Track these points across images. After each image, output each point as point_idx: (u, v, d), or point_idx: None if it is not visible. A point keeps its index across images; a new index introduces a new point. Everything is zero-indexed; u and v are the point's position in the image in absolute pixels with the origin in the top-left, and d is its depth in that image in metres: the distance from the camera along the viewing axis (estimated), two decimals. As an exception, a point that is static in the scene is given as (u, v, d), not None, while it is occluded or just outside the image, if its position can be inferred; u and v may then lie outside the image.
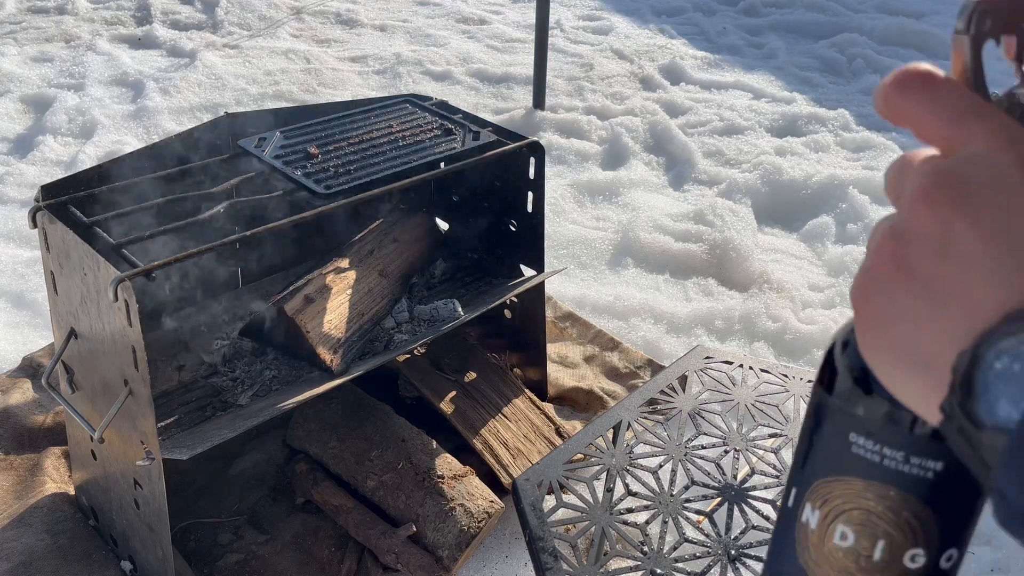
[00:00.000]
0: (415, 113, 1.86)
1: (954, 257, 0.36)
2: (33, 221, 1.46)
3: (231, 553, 1.73)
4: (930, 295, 0.37)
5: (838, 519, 0.49)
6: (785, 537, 0.52)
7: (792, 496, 0.51)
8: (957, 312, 0.36)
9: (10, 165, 3.20)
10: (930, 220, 0.37)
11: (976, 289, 0.36)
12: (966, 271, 0.36)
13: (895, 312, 0.39)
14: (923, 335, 0.38)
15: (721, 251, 2.86)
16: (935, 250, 0.37)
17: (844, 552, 0.49)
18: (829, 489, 0.49)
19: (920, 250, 0.37)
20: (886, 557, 0.48)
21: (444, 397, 1.92)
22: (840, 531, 0.49)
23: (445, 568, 1.66)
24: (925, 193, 0.37)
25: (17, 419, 1.98)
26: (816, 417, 0.48)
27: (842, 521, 0.49)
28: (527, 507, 1.10)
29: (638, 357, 2.35)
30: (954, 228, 0.36)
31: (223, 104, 3.74)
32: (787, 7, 5.39)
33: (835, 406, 0.46)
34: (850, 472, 0.47)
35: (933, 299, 0.37)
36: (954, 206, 0.36)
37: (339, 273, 1.78)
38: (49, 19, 4.61)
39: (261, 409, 1.53)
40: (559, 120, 3.76)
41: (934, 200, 0.37)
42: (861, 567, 0.49)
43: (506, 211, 1.94)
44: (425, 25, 4.88)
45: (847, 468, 0.47)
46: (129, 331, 1.29)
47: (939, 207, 0.37)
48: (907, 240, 0.38)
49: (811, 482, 0.50)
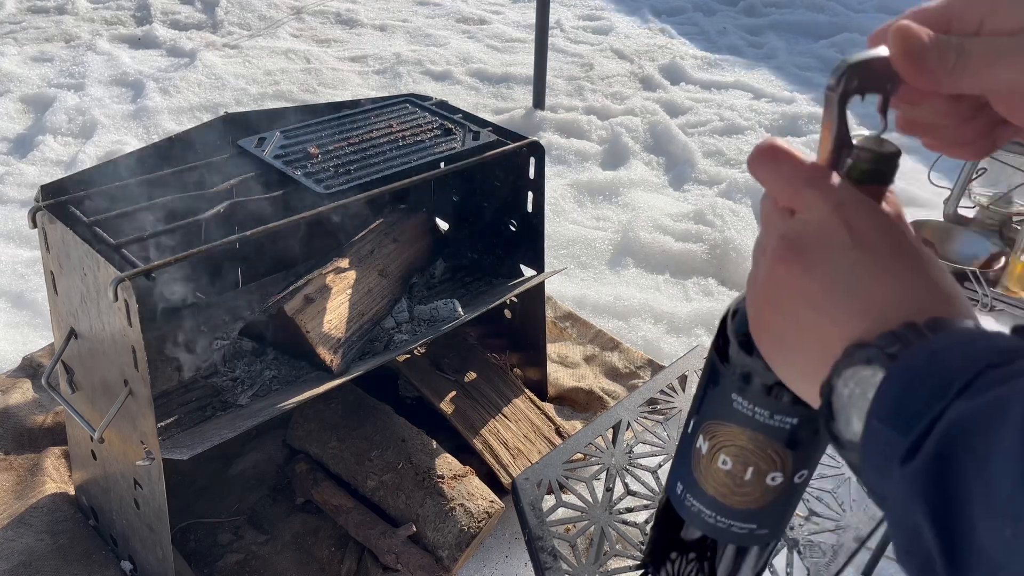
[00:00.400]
0: (415, 113, 1.86)
1: (807, 302, 0.47)
2: (33, 221, 1.46)
3: (231, 553, 1.73)
4: (798, 331, 0.48)
5: (721, 450, 0.67)
6: (685, 453, 0.70)
7: (691, 426, 0.68)
8: (816, 346, 0.47)
9: (10, 165, 3.20)
10: (785, 275, 0.48)
11: (825, 328, 0.46)
12: (816, 313, 0.46)
13: (777, 341, 0.50)
14: (798, 360, 0.48)
15: (721, 251, 2.86)
16: (794, 297, 0.47)
17: (724, 473, 0.67)
18: (716, 429, 0.66)
19: (784, 298, 0.48)
20: (754, 478, 0.67)
21: (444, 397, 1.92)
22: (722, 459, 0.67)
23: (445, 568, 1.66)
24: (776, 253, 0.48)
25: (17, 419, 1.98)
26: (710, 374, 0.63)
27: (723, 452, 0.67)
28: (526, 506, 1.10)
29: (638, 357, 2.35)
30: (802, 280, 0.47)
31: (223, 104, 3.74)
32: (787, 7, 5.39)
33: (723, 371, 0.61)
34: (731, 420, 0.64)
35: (801, 334, 0.48)
36: (797, 262, 0.47)
37: (339, 273, 1.78)
38: (49, 19, 4.61)
39: (261, 409, 1.53)
40: (559, 120, 3.76)
41: (784, 258, 0.48)
42: (736, 483, 0.67)
43: (506, 211, 1.94)
44: (425, 25, 4.88)
45: (729, 417, 0.63)
46: (129, 331, 1.29)
47: (789, 264, 0.47)
48: (775, 288, 0.48)
49: (703, 421, 0.66)
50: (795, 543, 1.09)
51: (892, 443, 0.40)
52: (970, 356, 0.40)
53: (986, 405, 0.37)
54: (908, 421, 0.39)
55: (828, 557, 1.08)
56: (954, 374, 0.39)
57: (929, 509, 0.38)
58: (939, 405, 0.39)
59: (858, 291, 0.45)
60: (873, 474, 0.42)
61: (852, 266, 0.45)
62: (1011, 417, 0.36)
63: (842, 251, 0.46)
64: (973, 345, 0.40)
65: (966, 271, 1.98)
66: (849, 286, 0.45)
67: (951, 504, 0.37)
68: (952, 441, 0.38)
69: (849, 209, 0.46)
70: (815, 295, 0.46)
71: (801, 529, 1.11)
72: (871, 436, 0.41)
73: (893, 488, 0.40)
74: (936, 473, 0.38)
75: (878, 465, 0.41)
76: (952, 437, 0.38)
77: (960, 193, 2.24)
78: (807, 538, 1.10)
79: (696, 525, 0.75)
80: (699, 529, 0.75)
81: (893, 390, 0.41)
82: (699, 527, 0.75)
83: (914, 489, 0.38)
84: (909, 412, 0.39)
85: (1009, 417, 0.36)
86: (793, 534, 1.10)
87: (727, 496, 0.71)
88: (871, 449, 0.41)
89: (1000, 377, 0.38)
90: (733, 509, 0.72)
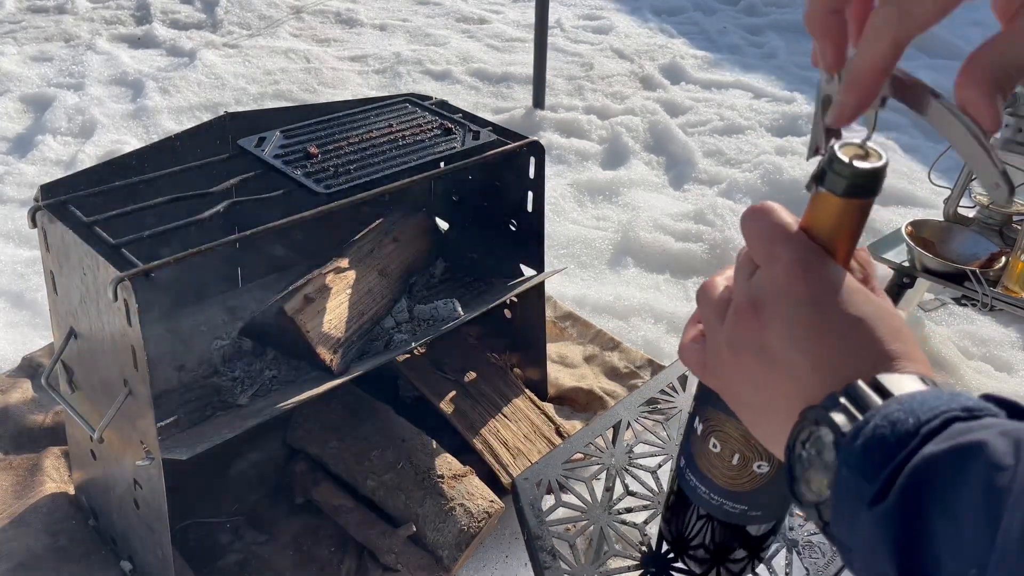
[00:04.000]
0: (415, 113, 1.86)
1: (765, 358, 0.48)
2: (33, 221, 1.46)
3: (231, 553, 1.73)
4: (757, 387, 0.49)
5: (712, 434, 0.73)
6: (688, 431, 0.76)
7: (693, 406, 0.75)
8: (777, 403, 0.48)
9: (9, 165, 3.20)
10: (746, 330, 0.49)
11: (782, 384, 0.47)
12: (774, 369, 0.47)
13: (739, 398, 0.51)
14: (761, 416, 0.50)
15: (721, 251, 2.86)
16: (754, 352, 0.48)
17: (715, 455, 0.73)
18: (709, 414, 0.72)
19: (744, 353, 0.49)
20: (740, 464, 0.73)
21: (444, 397, 1.92)
22: (712, 441, 0.73)
23: (445, 568, 1.66)
24: (738, 309, 0.49)
25: (17, 419, 1.98)
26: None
27: (714, 436, 0.72)
28: (526, 506, 1.10)
29: (638, 357, 2.35)
30: (760, 335, 0.48)
31: (223, 104, 3.74)
32: (787, 6, 5.39)
33: None
34: (719, 408, 0.70)
35: (760, 390, 0.49)
36: (756, 318, 0.48)
37: (339, 273, 1.78)
38: (48, 18, 4.61)
39: (261, 409, 1.53)
40: (559, 120, 3.76)
41: (745, 313, 0.49)
42: (725, 467, 0.74)
43: (506, 211, 1.94)
44: (425, 24, 4.88)
45: (718, 405, 0.70)
46: (129, 331, 1.29)
47: (748, 319, 0.48)
48: (735, 347, 0.50)
49: (702, 406, 0.73)
50: (795, 543, 1.09)
51: (860, 489, 0.41)
52: (937, 408, 0.41)
53: (953, 450, 0.38)
54: (876, 465, 0.40)
55: (828, 557, 1.08)
56: (922, 423, 0.40)
57: (895, 550, 0.38)
58: (906, 449, 0.40)
59: (811, 349, 0.46)
60: (842, 524, 0.42)
61: (806, 323, 0.46)
62: (977, 462, 0.37)
63: (796, 308, 0.47)
64: (939, 399, 0.42)
65: (966, 271, 1.98)
66: (803, 344, 0.46)
67: (917, 544, 0.38)
68: (919, 484, 0.38)
69: (808, 266, 0.47)
70: (772, 350, 0.47)
71: (801, 529, 1.11)
72: (841, 485, 0.42)
73: (859, 534, 0.41)
74: (903, 514, 0.39)
75: (847, 513, 0.42)
76: (919, 480, 0.38)
77: (960, 193, 2.24)
78: (807, 538, 1.10)
79: (694, 500, 0.80)
80: (697, 504, 0.80)
81: (862, 438, 0.41)
82: (696, 502, 0.80)
83: (881, 532, 0.39)
84: (877, 457, 0.40)
85: (976, 462, 0.37)
86: (793, 534, 1.10)
87: (717, 477, 0.75)
88: (842, 496, 0.42)
89: (966, 429, 0.39)
90: (723, 489, 0.76)
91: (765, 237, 0.50)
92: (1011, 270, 1.97)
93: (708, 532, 0.84)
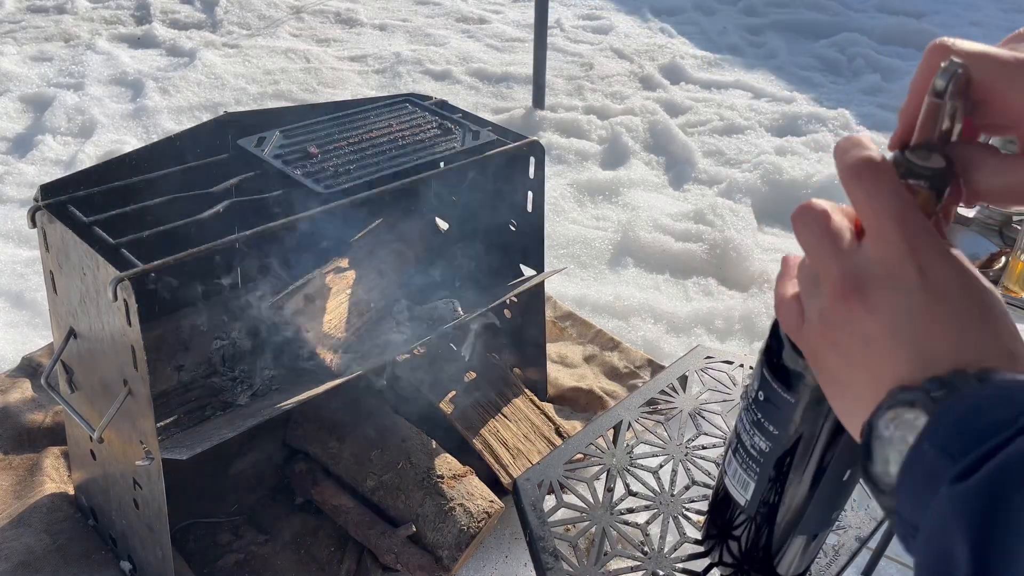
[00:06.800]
0: (415, 113, 1.86)
1: (865, 343, 0.46)
2: (32, 221, 1.46)
3: (231, 553, 1.73)
4: (852, 369, 0.48)
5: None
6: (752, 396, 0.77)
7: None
8: (868, 387, 0.47)
9: (9, 164, 3.20)
10: (844, 312, 0.47)
11: (878, 369, 0.46)
12: (870, 352, 0.46)
13: (832, 378, 0.50)
14: (849, 399, 0.49)
15: (721, 251, 2.86)
16: (853, 336, 0.47)
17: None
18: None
19: (843, 336, 0.48)
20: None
21: (444, 397, 1.92)
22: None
23: (445, 568, 1.66)
24: (837, 290, 0.47)
25: (16, 419, 1.97)
26: (768, 350, 0.70)
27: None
28: (527, 507, 1.10)
29: (638, 357, 2.35)
30: (864, 321, 0.46)
31: (222, 103, 3.74)
32: (787, 7, 5.39)
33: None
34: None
35: (854, 372, 0.48)
36: (861, 303, 0.46)
37: (339, 273, 1.78)
38: (48, 18, 4.61)
39: (261, 409, 1.53)
40: (559, 120, 3.75)
41: (847, 297, 0.47)
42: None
43: (506, 211, 1.94)
44: (425, 24, 4.88)
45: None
46: (128, 331, 1.29)
47: (851, 303, 0.47)
48: (831, 325, 0.48)
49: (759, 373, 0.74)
50: (796, 543, 1.09)
51: (940, 467, 0.40)
52: None
53: None
54: (965, 446, 0.39)
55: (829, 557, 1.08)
56: (1021, 411, 0.39)
57: (970, 531, 0.38)
58: (1003, 435, 0.39)
59: (916, 336, 0.44)
60: (911, 500, 0.41)
61: (917, 310, 0.45)
62: None
63: (908, 294, 0.45)
64: None
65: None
66: (909, 330, 0.45)
67: (997, 531, 0.37)
68: (1013, 471, 0.38)
69: (924, 252, 0.45)
70: (874, 336, 0.46)
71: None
72: (916, 459, 0.41)
73: (933, 511, 0.40)
74: (989, 497, 0.38)
75: (916, 490, 0.41)
76: (1013, 467, 0.38)
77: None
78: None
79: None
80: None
81: (952, 417, 0.41)
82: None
83: (958, 509, 0.38)
84: (968, 438, 0.40)
85: None
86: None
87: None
88: (912, 472, 0.41)
89: None
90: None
91: (883, 206, 0.46)
92: (1011, 270, 1.97)
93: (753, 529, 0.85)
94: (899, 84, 4.30)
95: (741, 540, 0.88)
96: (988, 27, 5.11)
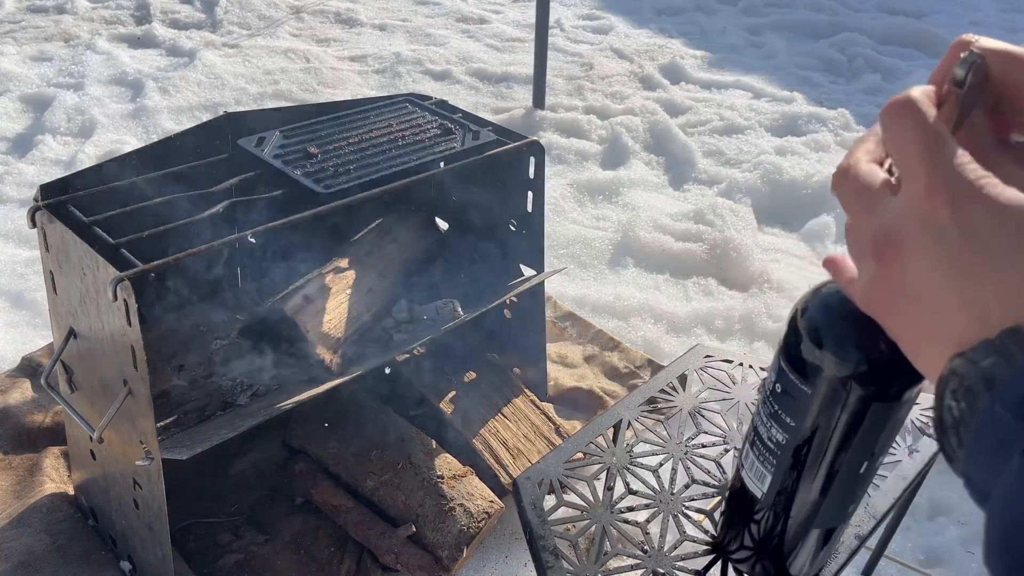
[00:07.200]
0: (415, 112, 1.86)
1: (908, 300, 0.44)
2: (32, 221, 1.46)
3: (231, 553, 1.73)
4: (906, 330, 0.46)
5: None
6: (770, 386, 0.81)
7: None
8: (926, 343, 0.44)
9: (9, 164, 3.20)
10: (887, 270, 0.44)
11: (930, 327, 0.43)
12: (920, 310, 0.43)
13: (896, 337, 0.47)
14: (918, 360, 0.46)
15: (721, 251, 2.86)
16: (896, 294, 0.45)
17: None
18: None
19: (893, 299, 0.45)
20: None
21: (444, 397, 1.92)
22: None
23: (445, 568, 1.66)
24: (874, 250, 0.45)
25: (16, 419, 1.97)
26: (786, 342, 0.75)
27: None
28: (528, 506, 1.10)
29: (638, 357, 2.35)
30: (900, 276, 0.44)
31: (222, 103, 3.74)
32: (787, 6, 5.39)
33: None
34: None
35: (910, 332, 0.45)
36: (897, 258, 0.43)
37: (338, 273, 1.78)
38: (48, 18, 4.61)
39: (261, 409, 1.53)
40: (559, 120, 3.75)
41: (883, 256, 0.44)
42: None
43: (506, 211, 1.94)
44: (425, 24, 4.88)
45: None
46: (128, 331, 1.29)
47: (888, 262, 0.44)
48: (876, 286, 0.46)
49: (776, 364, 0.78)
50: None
51: (1015, 432, 0.37)
52: None
53: None
54: None
55: (829, 557, 1.08)
56: None
57: None
58: None
59: (962, 287, 0.40)
60: (980, 463, 0.39)
61: (954, 255, 0.40)
62: None
63: (941, 238, 0.40)
64: None
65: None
66: (953, 280, 0.40)
67: None
68: None
69: (953, 187, 0.40)
70: (916, 293, 0.43)
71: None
72: (989, 422, 0.38)
73: (1004, 477, 0.37)
74: None
75: (989, 454, 0.38)
76: None
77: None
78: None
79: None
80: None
81: (1018, 387, 0.37)
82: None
83: None
84: None
85: None
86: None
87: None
88: (986, 434, 0.38)
89: None
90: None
91: (901, 144, 0.43)
92: None
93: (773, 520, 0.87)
94: (899, 84, 4.30)
95: (757, 533, 0.88)
96: (988, 27, 5.11)
